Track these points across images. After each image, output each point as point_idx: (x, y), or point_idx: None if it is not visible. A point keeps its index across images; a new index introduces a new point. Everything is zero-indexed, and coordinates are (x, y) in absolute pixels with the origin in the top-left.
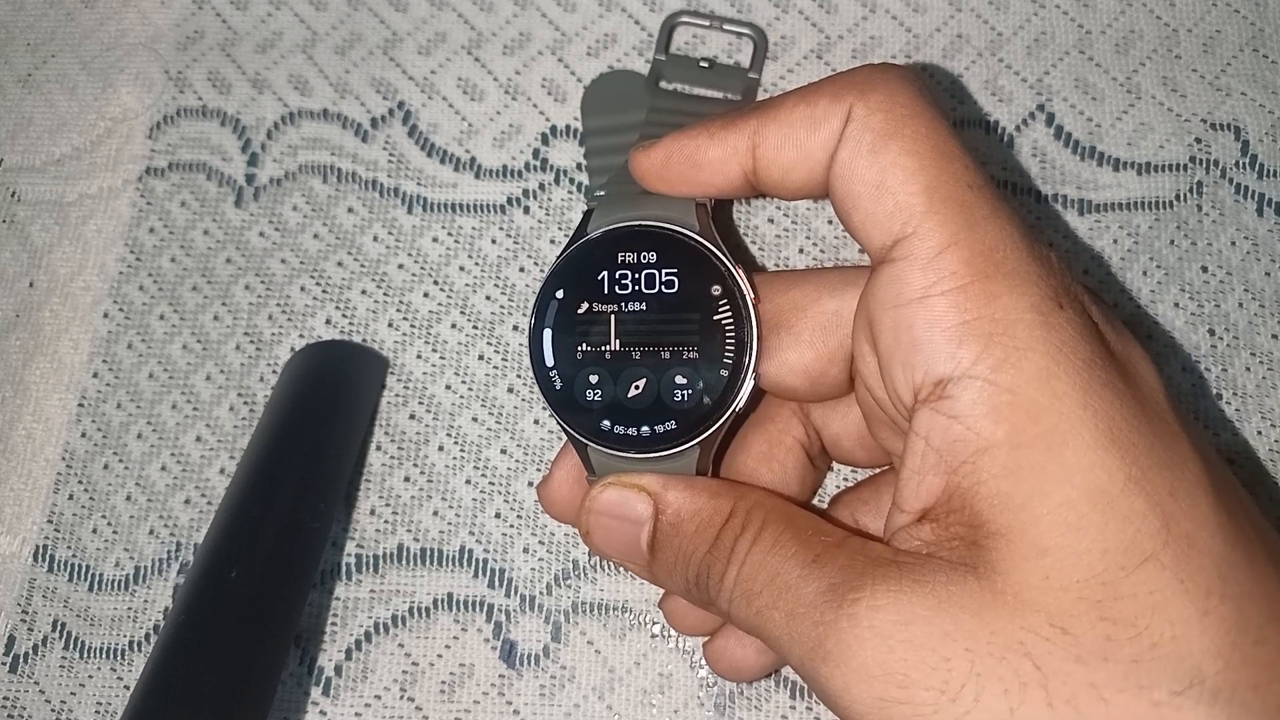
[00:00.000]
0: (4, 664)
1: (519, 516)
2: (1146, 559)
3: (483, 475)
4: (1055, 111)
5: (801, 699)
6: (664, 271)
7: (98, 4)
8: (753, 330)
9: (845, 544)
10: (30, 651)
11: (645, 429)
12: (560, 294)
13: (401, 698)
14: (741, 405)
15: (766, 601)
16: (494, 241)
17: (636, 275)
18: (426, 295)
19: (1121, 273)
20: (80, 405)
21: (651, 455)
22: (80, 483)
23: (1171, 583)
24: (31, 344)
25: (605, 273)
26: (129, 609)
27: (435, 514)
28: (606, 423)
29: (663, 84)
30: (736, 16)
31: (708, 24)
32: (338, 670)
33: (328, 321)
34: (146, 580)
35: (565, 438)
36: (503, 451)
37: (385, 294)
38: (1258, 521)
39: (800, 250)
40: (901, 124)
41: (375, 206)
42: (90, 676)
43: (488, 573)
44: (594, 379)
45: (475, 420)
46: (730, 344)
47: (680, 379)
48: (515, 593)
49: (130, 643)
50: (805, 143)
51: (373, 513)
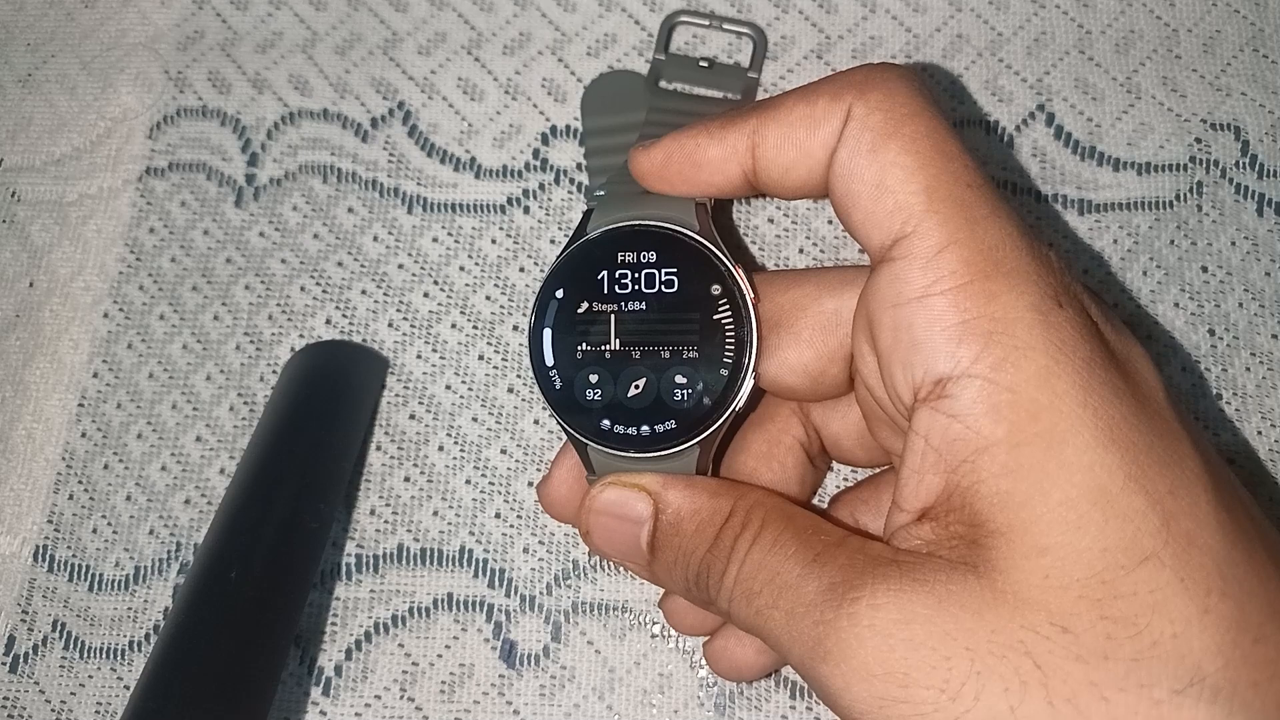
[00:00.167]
0: (4, 664)
1: (519, 516)
2: (1146, 557)
3: (483, 475)
4: (1055, 111)
5: (801, 699)
6: (664, 271)
7: (98, 4)
8: (752, 330)
9: (845, 543)
10: (30, 651)
11: (645, 428)
12: (560, 294)
13: (401, 698)
14: (741, 405)
15: (766, 601)
16: (494, 241)
17: (636, 275)
18: (426, 295)
19: (1121, 273)
20: (80, 405)
21: (651, 455)
22: (80, 483)
23: (1171, 581)
24: (31, 344)
25: (605, 272)
26: (129, 609)
27: (435, 514)
28: (606, 422)
29: (662, 84)
30: (736, 16)
31: (707, 24)
32: (338, 670)
33: (328, 321)
34: (146, 580)
35: (565, 437)
36: (503, 451)
37: (385, 294)
38: (1258, 520)
39: (800, 250)
40: (901, 123)
41: (375, 206)
42: (90, 676)
43: (488, 573)
44: (594, 379)
45: (475, 420)
46: (730, 343)
47: (680, 378)
48: (515, 593)
49: (130, 643)
50: (805, 142)
51: (373, 513)
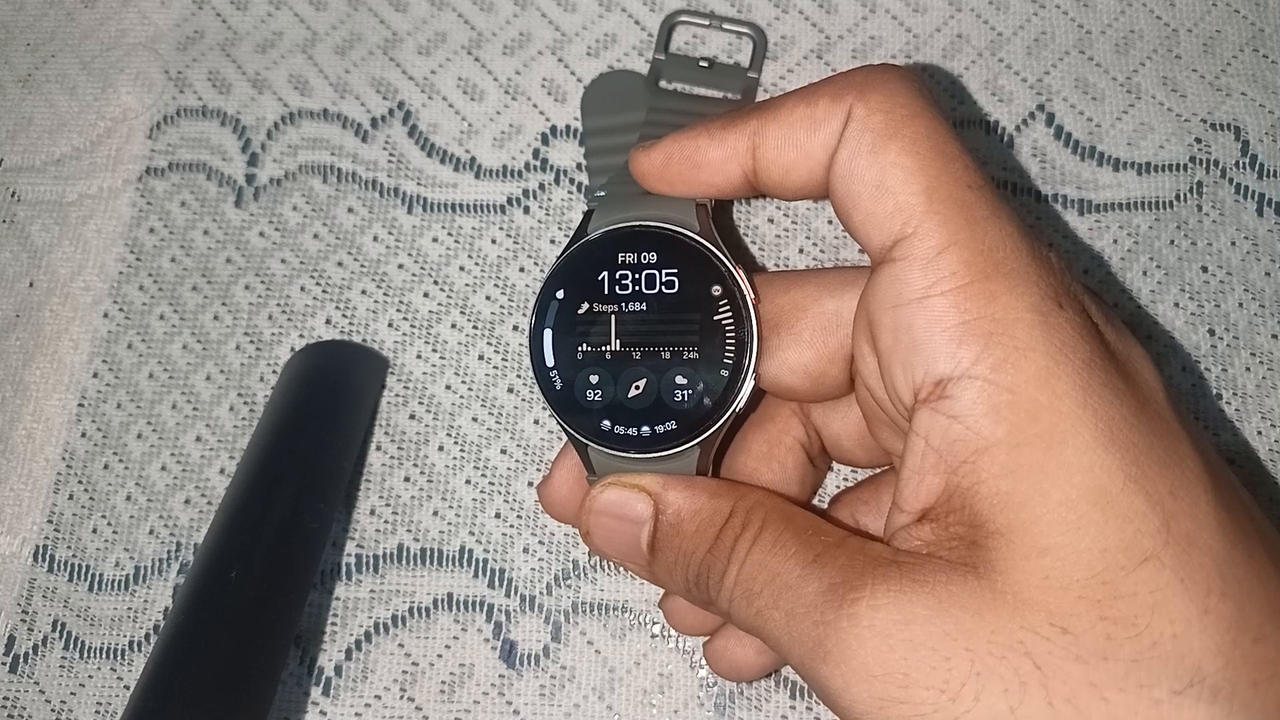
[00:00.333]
0: (4, 664)
1: (519, 516)
2: (1146, 558)
3: (483, 475)
4: (1055, 111)
5: (801, 699)
6: (664, 272)
7: (98, 4)
8: (753, 330)
9: (845, 544)
10: (30, 651)
11: (645, 429)
12: (560, 294)
13: (401, 698)
14: (742, 405)
15: (767, 601)
16: (494, 241)
17: (637, 275)
18: (426, 295)
19: (1121, 273)
20: (80, 405)
21: (652, 455)
22: (80, 483)
23: (1171, 581)
24: (31, 344)
25: (605, 273)
26: (129, 609)
27: (435, 514)
28: (607, 423)
29: (662, 84)
30: (736, 16)
31: (707, 23)
32: (338, 670)
33: (328, 321)
34: (146, 580)
35: (565, 438)
36: (503, 451)
37: (385, 294)
38: (1258, 520)
39: (800, 250)
40: (901, 124)
41: (375, 206)
42: (90, 676)
43: (488, 573)
44: (594, 379)
45: (475, 420)
46: (730, 344)
47: (680, 379)
48: (515, 593)
49: (130, 643)
50: (805, 143)
51: (373, 513)
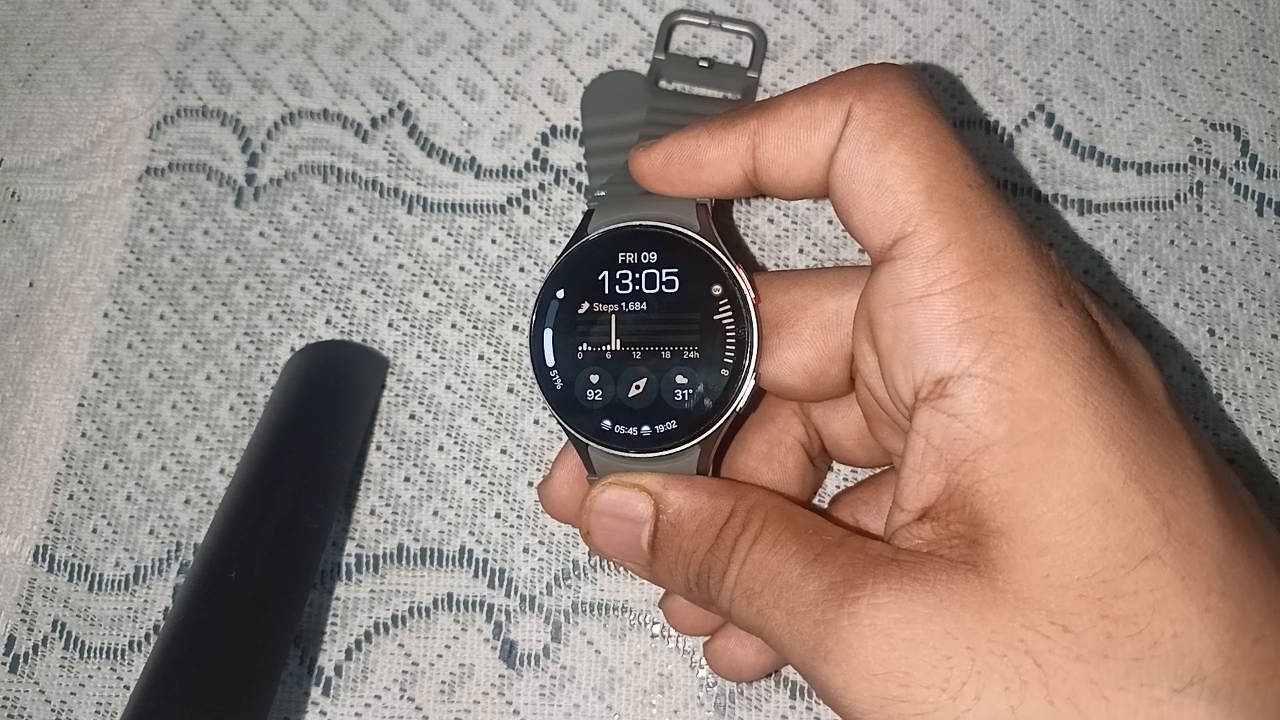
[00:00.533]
0: (4, 664)
1: (519, 516)
2: (1147, 557)
3: (483, 475)
4: (1055, 111)
5: (801, 699)
6: (664, 271)
7: (98, 4)
8: (753, 330)
9: (846, 543)
10: (30, 651)
11: (646, 429)
12: (561, 294)
13: (401, 698)
14: (742, 405)
15: (767, 601)
16: (494, 241)
17: (637, 275)
18: (426, 295)
19: (1121, 273)
20: (80, 405)
21: (652, 455)
22: (80, 483)
23: (1172, 580)
24: (31, 344)
25: (606, 273)
26: (129, 609)
27: (435, 514)
28: (607, 422)
29: (662, 83)
30: (736, 16)
31: (707, 23)
32: (338, 670)
33: (328, 321)
34: (146, 580)
35: (565, 438)
36: (503, 451)
37: (385, 294)
38: (1258, 519)
39: (800, 250)
40: (901, 123)
41: (375, 206)
42: (90, 676)
43: (488, 573)
44: (594, 379)
45: (475, 420)
46: (731, 344)
47: (681, 379)
48: (515, 593)
49: (130, 643)
50: (805, 142)
51: (373, 513)
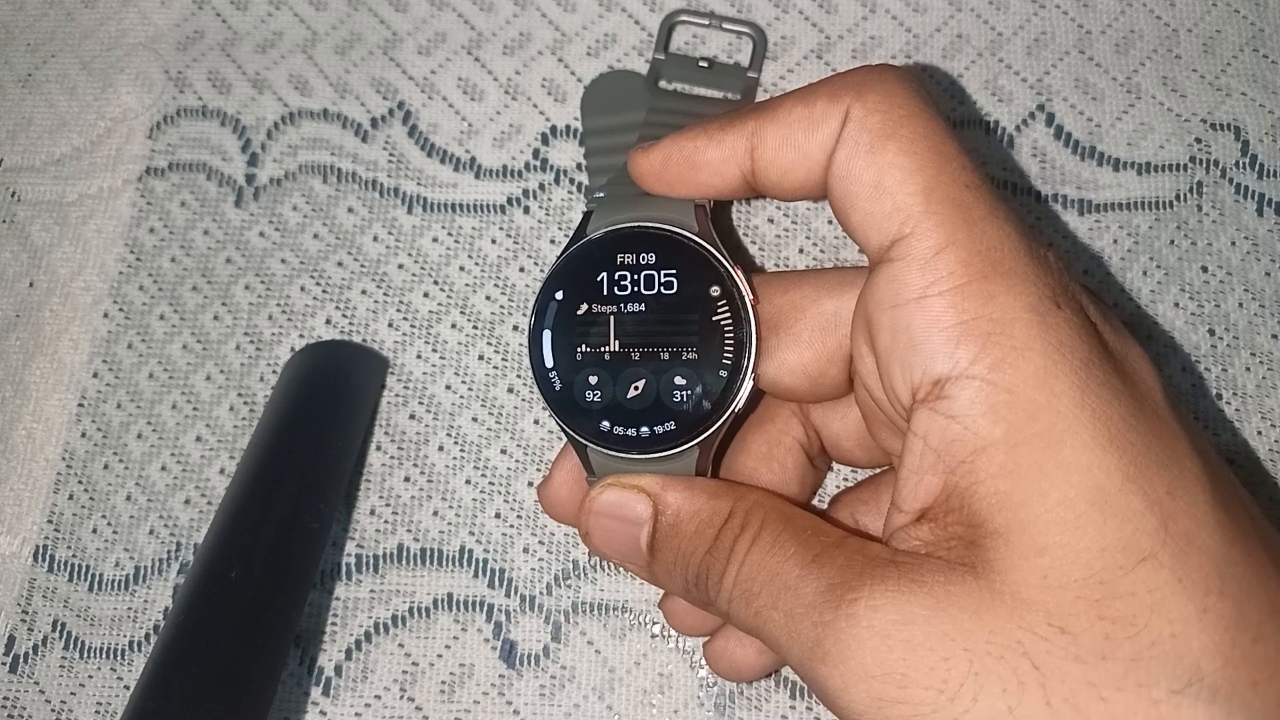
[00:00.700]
0: (4, 664)
1: (519, 516)
2: (1145, 557)
3: (483, 475)
4: (1055, 111)
5: (801, 699)
6: (663, 272)
7: (98, 4)
8: (751, 331)
9: (844, 544)
10: (30, 651)
11: (645, 430)
12: (560, 295)
13: (401, 698)
14: (741, 406)
15: (766, 601)
16: (494, 241)
17: (636, 276)
18: (426, 295)
19: (1121, 273)
20: (80, 405)
21: (651, 456)
22: (80, 483)
23: (1170, 581)
24: (31, 344)
25: (605, 274)
26: (129, 609)
27: (435, 514)
28: (606, 423)
29: (662, 83)
30: (736, 16)
31: (707, 23)
32: (338, 670)
33: (328, 321)
34: (146, 580)
35: (565, 438)
36: (503, 451)
37: (385, 294)
38: (1256, 520)
39: (800, 250)
40: (899, 124)
41: (375, 206)
42: (90, 676)
43: (488, 573)
44: (593, 380)
45: (475, 420)
46: (729, 345)
47: (679, 380)
48: (515, 593)
49: (130, 643)
50: (803, 144)
51: (373, 513)
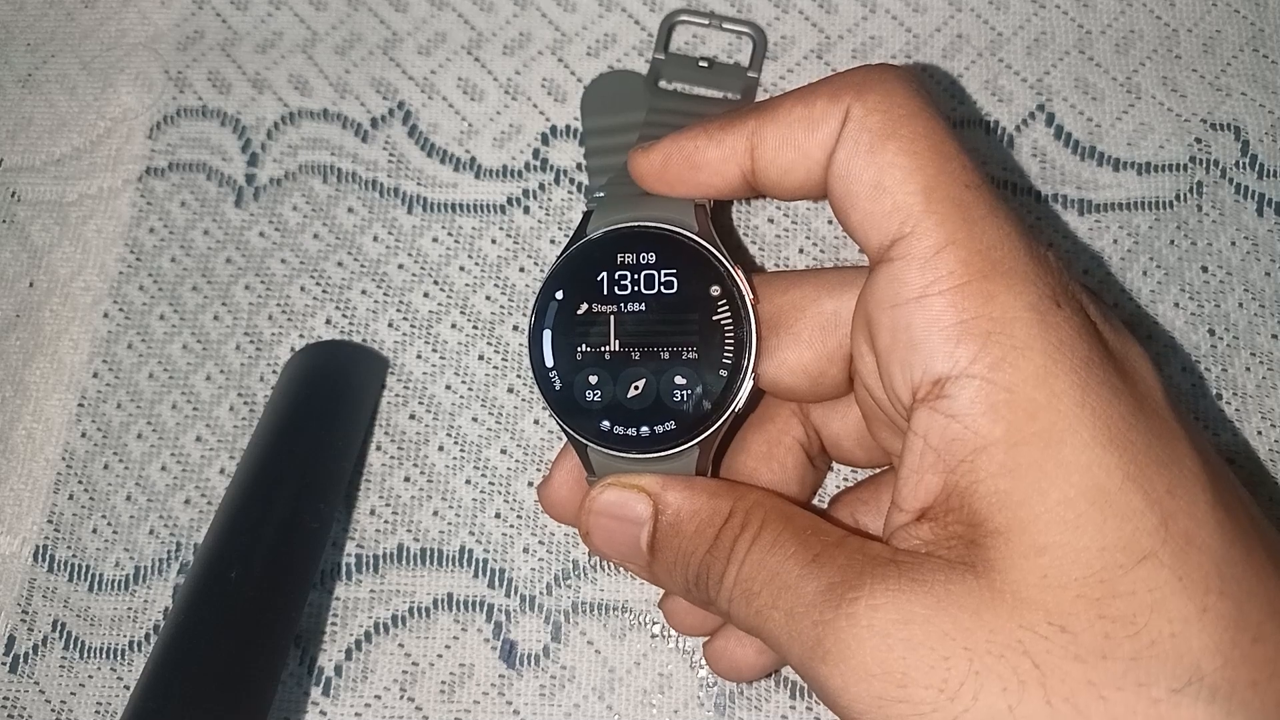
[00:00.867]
0: (4, 664)
1: (519, 516)
2: (1145, 557)
3: (483, 475)
4: (1055, 111)
5: (801, 699)
6: (663, 272)
7: (98, 4)
8: (751, 330)
9: (844, 543)
10: (30, 651)
11: (645, 429)
12: (560, 295)
13: (401, 698)
14: (741, 405)
15: (766, 601)
16: (494, 241)
17: (636, 276)
18: (426, 295)
19: (1121, 273)
20: (80, 405)
21: (651, 455)
22: (80, 483)
23: (1170, 580)
24: (31, 344)
25: (605, 273)
26: (129, 609)
27: (435, 514)
28: (606, 423)
29: (662, 83)
30: (736, 16)
31: (707, 23)
32: (338, 670)
33: (328, 321)
34: (146, 580)
35: (565, 438)
36: (503, 451)
37: (385, 294)
38: (1256, 519)
39: (800, 250)
40: (899, 124)
41: (375, 206)
42: (90, 676)
43: (488, 573)
44: (593, 379)
45: (475, 420)
46: (729, 344)
47: (679, 379)
48: (515, 593)
49: (130, 643)
50: (803, 143)
51: (373, 513)
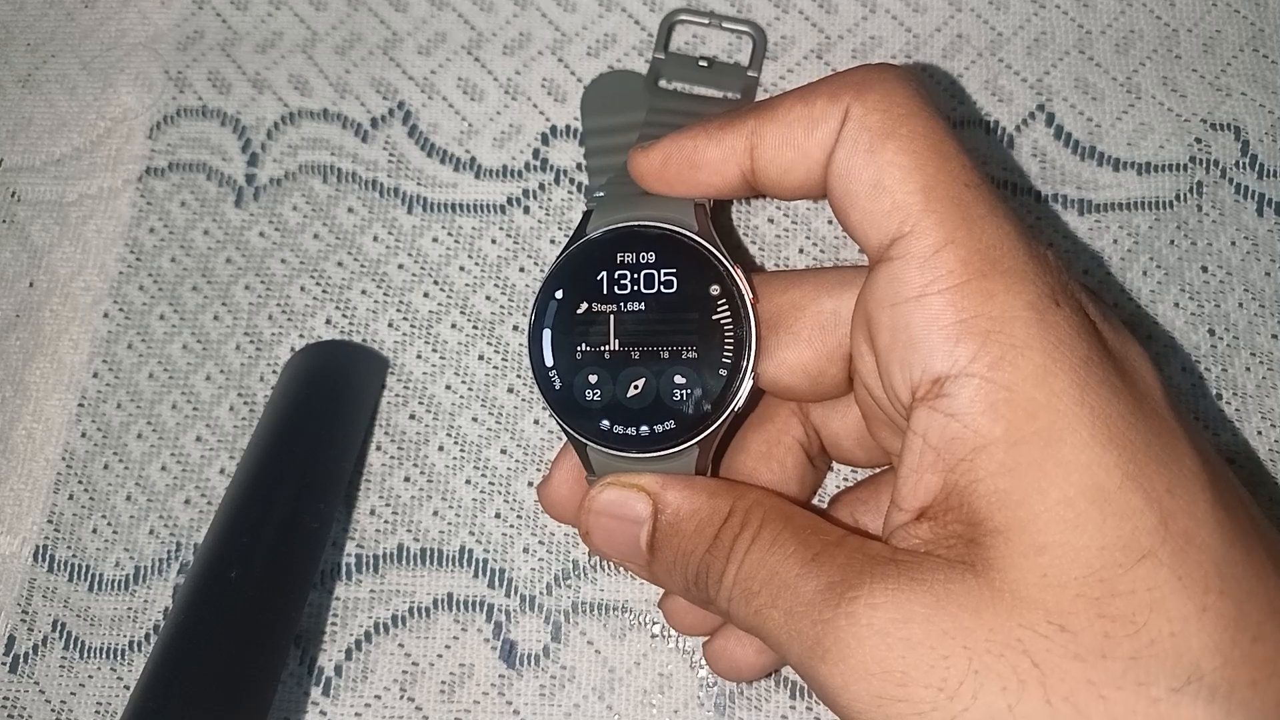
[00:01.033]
0: (4, 664)
1: (519, 516)
2: (1144, 556)
3: (483, 475)
4: (1055, 111)
5: (801, 699)
6: (663, 272)
7: (98, 4)
8: (751, 330)
9: (844, 542)
10: (30, 651)
11: (644, 429)
12: (559, 294)
13: (401, 698)
14: (740, 405)
15: (765, 600)
16: (494, 241)
17: (635, 275)
18: (426, 295)
19: (1121, 273)
20: (80, 405)
21: (651, 455)
22: (80, 483)
23: (1169, 579)
24: (31, 344)
25: (604, 273)
26: (129, 609)
27: (435, 514)
28: (606, 423)
29: (662, 83)
30: (736, 15)
31: (707, 22)
32: (338, 670)
33: (328, 321)
34: (146, 580)
35: (565, 438)
36: (503, 451)
37: (385, 294)
38: (1256, 518)
39: (800, 250)
40: (898, 123)
41: (375, 206)
42: (90, 676)
43: (488, 573)
44: (593, 379)
45: (475, 420)
46: (729, 344)
47: (679, 379)
48: (515, 593)
49: (130, 643)
50: (803, 143)
51: (373, 513)
